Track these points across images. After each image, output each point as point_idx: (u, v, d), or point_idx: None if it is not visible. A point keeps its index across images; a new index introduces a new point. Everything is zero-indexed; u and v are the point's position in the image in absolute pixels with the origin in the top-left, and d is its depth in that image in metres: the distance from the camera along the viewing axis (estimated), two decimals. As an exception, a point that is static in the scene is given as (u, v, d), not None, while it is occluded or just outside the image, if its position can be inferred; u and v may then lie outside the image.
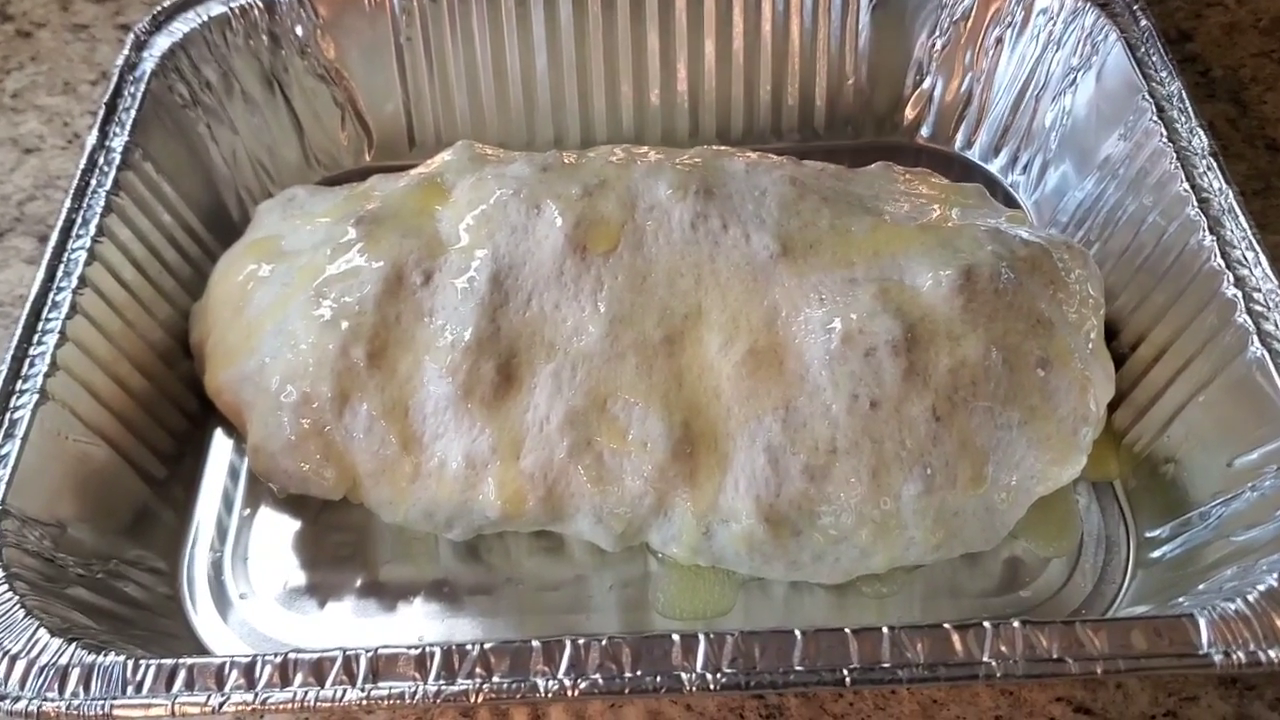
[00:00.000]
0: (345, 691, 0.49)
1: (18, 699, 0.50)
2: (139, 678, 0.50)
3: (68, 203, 0.68)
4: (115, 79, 0.76)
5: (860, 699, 0.59)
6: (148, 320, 0.69)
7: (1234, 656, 0.50)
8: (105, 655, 0.51)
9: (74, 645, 0.52)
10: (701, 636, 0.50)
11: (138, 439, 0.66)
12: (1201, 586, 0.57)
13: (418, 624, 0.63)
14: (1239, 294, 0.61)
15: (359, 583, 0.64)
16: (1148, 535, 0.64)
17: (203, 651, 0.62)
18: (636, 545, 0.63)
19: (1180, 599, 0.57)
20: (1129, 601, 0.62)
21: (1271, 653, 0.50)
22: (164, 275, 0.72)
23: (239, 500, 0.68)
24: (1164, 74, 0.73)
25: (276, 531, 0.67)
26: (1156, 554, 0.63)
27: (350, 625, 0.63)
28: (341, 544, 0.66)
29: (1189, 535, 0.61)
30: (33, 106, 0.93)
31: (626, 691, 0.49)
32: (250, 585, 0.65)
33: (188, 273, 0.74)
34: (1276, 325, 0.60)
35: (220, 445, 0.71)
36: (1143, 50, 0.75)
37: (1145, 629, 0.51)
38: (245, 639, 0.62)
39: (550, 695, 0.49)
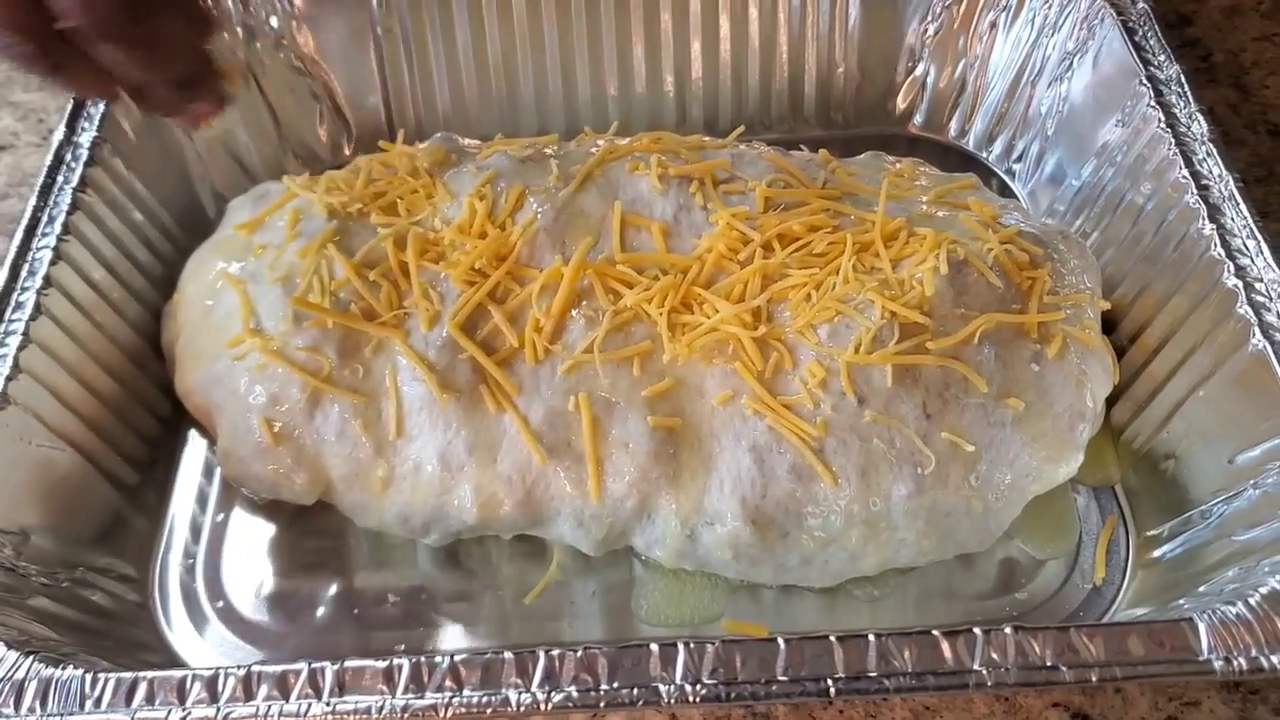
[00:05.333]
0: (310, 705, 0.48)
1: (-30, 715, 0.49)
2: (98, 692, 0.49)
3: (33, 200, 0.66)
4: (85, 73, 0.74)
5: (850, 705, 0.57)
6: (117, 321, 0.67)
7: (1235, 662, 0.48)
8: (64, 669, 0.50)
9: (32, 659, 0.50)
10: (681, 646, 0.49)
11: (106, 444, 0.64)
12: (1202, 588, 0.55)
13: (394, 632, 0.61)
14: (1240, 284, 0.60)
15: (334, 590, 0.63)
16: (1147, 535, 0.62)
17: (174, 660, 0.60)
18: (620, 549, 0.61)
19: (1180, 601, 0.56)
20: (1128, 603, 0.60)
21: (1274, 658, 0.48)
22: (134, 274, 0.70)
23: (212, 505, 0.66)
24: (1162, 58, 0.71)
25: (251, 537, 0.65)
26: (1156, 554, 0.61)
27: (324, 634, 0.61)
28: (316, 550, 0.64)
29: (1189, 535, 0.60)
30: (7, 103, 0.91)
31: (602, 705, 0.47)
32: (223, 592, 0.63)
33: (160, 272, 0.72)
34: (1278, 316, 0.58)
35: (194, 448, 0.69)
36: (1140, 34, 0.73)
37: (1143, 634, 0.49)
38: (218, 648, 0.61)
39: (523, 709, 0.47)
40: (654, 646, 0.49)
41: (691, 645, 0.49)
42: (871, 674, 0.48)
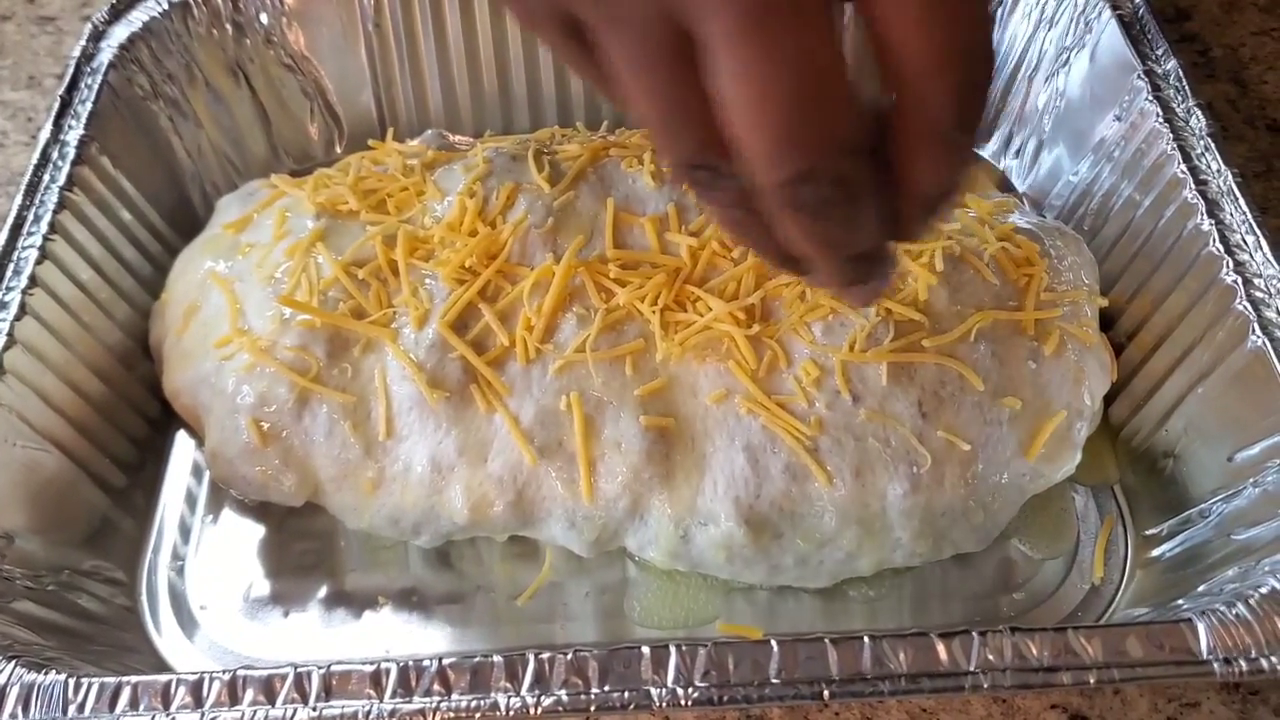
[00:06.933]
0: (296, 710, 0.47)
1: (-51, 721, 0.48)
2: (81, 697, 0.48)
3: (18, 199, 0.65)
4: (71, 71, 0.73)
5: (845, 708, 0.56)
6: (104, 321, 0.66)
7: (1235, 664, 0.47)
8: (46, 674, 0.49)
9: (14, 663, 0.49)
10: (673, 648, 0.48)
11: (94, 445, 0.63)
12: (1201, 588, 0.55)
13: (385, 635, 0.60)
14: (1239, 280, 0.59)
15: (324, 592, 0.62)
16: (1146, 534, 0.62)
17: (161, 665, 0.59)
18: (613, 550, 0.61)
19: (1180, 601, 0.55)
20: (1127, 603, 0.59)
21: (1274, 659, 0.47)
22: (122, 274, 0.69)
23: (201, 506, 0.66)
24: (1160, 53, 0.70)
25: (240, 539, 0.64)
26: (1155, 553, 0.60)
27: (314, 637, 0.60)
28: (306, 551, 0.63)
29: (1188, 534, 0.59)
30: (-4, 102, 0.91)
31: (593, 709, 0.47)
32: (212, 595, 0.62)
33: (148, 271, 0.71)
34: (1277, 313, 0.57)
35: (183, 450, 0.68)
36: (1138, 28, 0.72)
37: (1141, 635, 0.48)
38: (206, 652, 0.60)
39: (512, 713, 0.47)
40: (645, 649, 0.48)
41: (683, 647, 0.48)
42: (866, 676, 0.47)
